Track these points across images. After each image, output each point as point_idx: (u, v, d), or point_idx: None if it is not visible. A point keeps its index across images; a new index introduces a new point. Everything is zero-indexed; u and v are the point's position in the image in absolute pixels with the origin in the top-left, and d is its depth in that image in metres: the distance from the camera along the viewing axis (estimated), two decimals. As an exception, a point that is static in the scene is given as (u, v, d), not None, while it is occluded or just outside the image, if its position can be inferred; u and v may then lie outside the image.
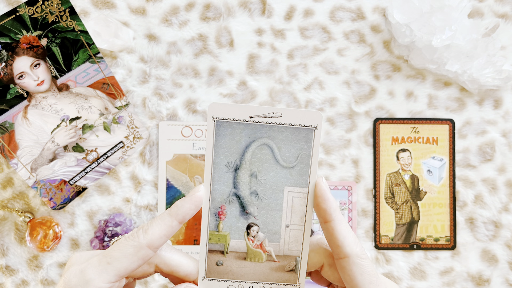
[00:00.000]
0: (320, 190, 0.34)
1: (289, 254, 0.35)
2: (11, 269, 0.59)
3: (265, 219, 0.34)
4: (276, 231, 0.35)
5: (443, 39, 0.56)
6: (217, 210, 0.34)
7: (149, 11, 0.59)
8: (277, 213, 0.34)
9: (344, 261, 0.33)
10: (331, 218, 0.33)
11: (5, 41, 0.51)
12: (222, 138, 0.34)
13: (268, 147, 0.34)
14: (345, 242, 0.33)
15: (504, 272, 0.60)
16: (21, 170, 0.56)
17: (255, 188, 0.34)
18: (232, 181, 0.34)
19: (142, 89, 0.60)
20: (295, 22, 0.60)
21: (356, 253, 0.33)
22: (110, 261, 0.32)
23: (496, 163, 0.61)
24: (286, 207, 0.34)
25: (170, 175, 0.59)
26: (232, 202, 0.34)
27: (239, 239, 0.35)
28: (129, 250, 0.32)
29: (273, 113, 0.33)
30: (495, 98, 0.61)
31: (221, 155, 0.34)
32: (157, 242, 0.32)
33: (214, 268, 0.35)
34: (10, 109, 0.54)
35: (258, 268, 0.35)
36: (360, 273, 0.33)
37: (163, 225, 0.33)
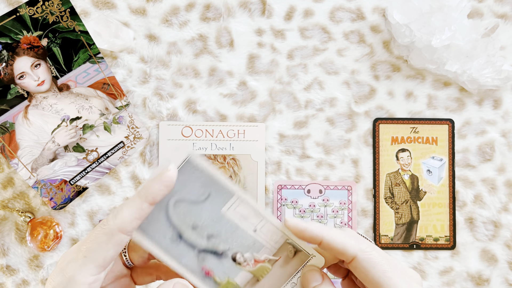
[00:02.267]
0: (293, 226, 0.34)
1: (279, 245, 0.35)
2: (11, 269, 0.59)
3: (236, 242, 0.35)
4: (252, 241, 0.35)
5: (443, 39, 0.56)
6: (202, 274, 0.34)
7: (149, 11, 0.60)
8: (238, 231, 0.34)
9: (353, 262, 0.33)
10: (319, 238, 0.33)
11: (5, 41, 0.52)
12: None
13: (179, 202, 0.34)
14: (345, 247, 0.33)
15: (504, 272, 0.60)
16: (22, 170, 0.56)
17: (205, 233, 0.34)
18: (187, 247, 0.34)
19: (142, 89, 0.60)
20: (295, 23, 0.60)
21: (360, 249, 0.33)
22: (86, 253, 0.31)
23: (495, 163, 0.61)
24: (239, 220, 0.34)
25: (170, 175, 0.59)
26: (204, 258, 0.34)
27: (239, 273, 0.35)
28: (102, 238, 0.31)
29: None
30: (494, 98, 0.61)
31: (161, 237, 0.34)
32: (128, 226, 0.31)
33: None
34: (11, 109, 0.54)
35: (273, 276, 0.35)
36: (372, 267, 0.33)
37: (133, 207, 0.31)
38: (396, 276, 0.33)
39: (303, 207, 0.60)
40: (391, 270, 0.33)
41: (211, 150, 0.60)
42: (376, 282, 0.32)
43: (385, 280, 0.32)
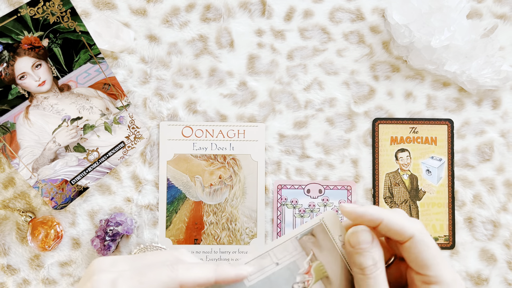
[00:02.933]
0: (351, 214, 0.35)
1: (300, 246, 0.36)
2: (12, 268, 0.59)
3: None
4: (286, 271, 0.36)
5: (442, 39, 0.56)
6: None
7: (149, 12, 0.60)
8: (272, 279, 0.36)
9: (409, 242, 0.34)
10: (379, 220, 0.34)
11: (6, 42, 0.52)
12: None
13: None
14: (404, 228, 0.34)
15: (503, 271, 0.60)
16: (23, 170, 0.56)
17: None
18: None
19: (143, 89, 0.60)
20: (294, 23, 0.61)
21: (418, 229, 0.34)
22: (144, 280, 0.31)
23: (494, 163, 0.61)
24: (264, 273, 0.36)
25: (170, 175, 0.60)
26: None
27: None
28: (164, 278, 0.32)
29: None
30: (493, 99, 0.61)
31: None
32: (189, 285, 0.32)
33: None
34: (12, 110, 0.54)
35: (329, 263, 0.36)
36: (426, 249, 0.34)
37: (204, 274, 0.33)
38: (445, 264, 0.34)
39: (303, 207, 0.60)
40: (440, 257, 0.34)
41: (211, 150, 0.60)
42: (427, 264, 0.33)
43: (434, 265, 0.34)
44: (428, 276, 0.34)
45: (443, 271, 0.34)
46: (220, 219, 0.60)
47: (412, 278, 0.35)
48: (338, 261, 0.35)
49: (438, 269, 0.34)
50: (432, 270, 0.34)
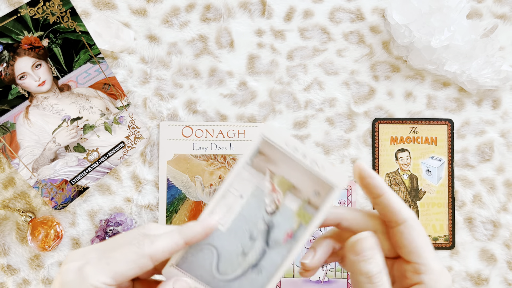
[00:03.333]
0: (364, 171, 0.35)
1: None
2: (12, 268, 0.59)
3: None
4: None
5: (442, 39, 0.56)
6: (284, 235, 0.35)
7: (149, 12, 0.60)
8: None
9: (402, 226, 0.34)
10: (382, 192, 0.34)
11: (6, 42, 0.52)
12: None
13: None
14: (401, 210, 0.34)
15: (503, 271, 0.60)
16: (23, 170, 0.56)
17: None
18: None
19: (143, 89, 0.60)
20: (294, 23, 0.61)
21: (413, 217, 0.34)
22: (110, 262, 0.31)
23: (494, 163, 0.61)
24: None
25: (170, 175, 0.60)
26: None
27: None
28: (131, 255, 0.31)
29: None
30: (493, 99, 0.61)
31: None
32: (160, 256, 0.32)
33: None
34: (12, 110, 0.54)
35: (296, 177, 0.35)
36: (418, 236, 0.34)
37: (170, 241, 0.32)
38: (434, 254, 0.35)
39: (303, 207, 0.60)
40: (430, 245, 0.35)
41: (211, 150, 0.60)
42: (417, 251, 0.34)
43: (426, 252, 0.34)
44: (417, 264, 0.34)
45: (432, 261, 0.34)
46: (220, 219, 0.60)
47: (401, 270, 0.35)
48: (296, 167, 0.35)
49: (427, 258, 0.34)
50: (421, 258, 0.34)
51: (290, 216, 0.35)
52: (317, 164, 0.34)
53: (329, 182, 0.34)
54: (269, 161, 0.35)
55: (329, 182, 0.34)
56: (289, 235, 0.35)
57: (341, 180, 0.34)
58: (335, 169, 0.34)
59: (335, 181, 0.34)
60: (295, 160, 0.34)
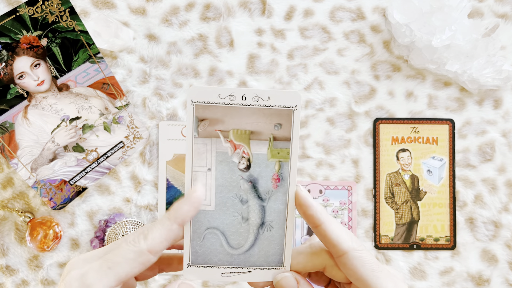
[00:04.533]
0: (301, 199, 0.34)
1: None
2: (11, 269, 0.59)
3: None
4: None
5: (443, 39, 0.56)
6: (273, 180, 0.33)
7: (149, 11, 0.59)
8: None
9: (343, 258, 0.33)
10: (320, 222, 0.33)
11: (5, 41, 0.51)
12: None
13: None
14: (340, 240, 0.33)
15: (504, 272, 0.60)
16: (21, 170, 0.56)
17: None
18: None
19: (142, 89, 0.60)
20: (295, 22, 0.60)
21: (353, 247, 0.33)
22: (111, 265, 0.31)
23: (496, 163, 0.61)
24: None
25: (170, 175, 0.59)
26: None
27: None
28: (130, 255, 0.32)
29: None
30: (495, 98, 0.61)
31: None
32: (158, 247, 0.32)
33: None
34: (10, 109, 0.54)
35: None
36: (361, 265, 0.33)
37: (163, 229, 0.32)
38: (384, 275, 0.33)
39: (303, 207, 0.60)
40: (379, 270, 0.34)
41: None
42: (364, 280, 0.33)
43: (373, 279, 0.33)
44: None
45: (384, 284, 0.33)
46: (220, 220, 0.59)
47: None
48: (243, 112, 0.33)
49: (378, 283, 0.33)
50: (371, 285, 0.33)
51: (266, 161, 0.33)
52: (261, 98, 0.32)
53: (284, 107, 0.32)
54: (214, 122, 0.33)
55: (284, 107, 0.32)
56: (276, 179, 0.33)
57: (294, 98, 0.32)
58: (282, 93, 0.32)
59: (289, 103, 0.32)
60: (237, 107, 0.32)
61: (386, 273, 0.34)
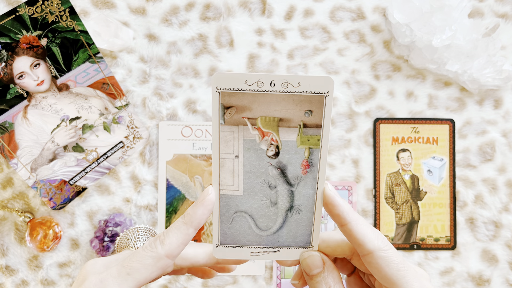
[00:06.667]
0: (328, 198, 0.34)
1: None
2: (11, 269, 0.59)
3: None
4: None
5: (443, 39, 0.56)
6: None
7: (149, 11, 0.59)
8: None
9: (369, 257, 0.33)
10: (346, 221, 0.33)
11: (5, 41, 0.51)
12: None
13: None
14: (365, 240, 0.33)
15: (505, 272, 0.60)
16: (21, 170, 0.56)
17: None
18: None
19: (142, 89, 0.60)
20: (295, 22, 0.60)
21: (379, 247, 0.33)
22: (130, 272, 0.32)
23: (496, 163, 0.61)
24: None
25: (170, 175, 0.59)
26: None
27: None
28: (148, 261, 0.32)
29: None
30: (495, 98, 0.61)
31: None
32: (175, 252, 0.33)
33: None
34: (10, 109, 0.54)
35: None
36: (386, 265, 0.33)
37: (180, 234, 0.33)
38: (410, 274, 0.33)
39: (303, 207, 0.60)
40: (404, 269, 0.34)
41: (211, 150, 0.60)
42: (389, 279, 0.33)
43: (399, 278, 0.33)
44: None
45: (409, 284, 0.33)
46: (220, 220, 0.59)
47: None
48: (271, 99, 0.32)
49: (403, 283, 0.33)
50: (395, 284, 0.33)
51: (295, 148, 0.33)
52: (291, 84, 0.31)
53: (315, 93, 0.31)
54: (241, 109, 0.32)
55: (315, 93, 0.31)
56: (305, 165, 0.33)
57: (327, 83, 0.30)
58: (313, 78, 0.31)
59: (321, 89, 0.31)
60: (265, 93, 0.31)
61: (412, 273, 0.34)
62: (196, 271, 0.39)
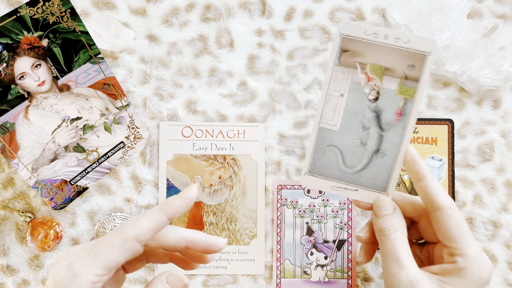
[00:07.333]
0: (411, 155, 0.37)
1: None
2: (12, 269, 0.59)
3: None
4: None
5: (442, 39, 0.56)
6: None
7: (149, 11, 0.60)
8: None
9: (438, 212, 0.36)
10: (423, 177, 0.36)
11: (6, 42, 0.52)
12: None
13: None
14: (438, 196, 0.36)
15: (503, 272, 0.60)
16: (22, 170, 0.56)
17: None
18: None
19: (142, 89, 0.60)
20: (295, 23, 0.61)
21: (449, 205, 0.36)
22: (97, 253, 0.31)
23: (495, 163, 0.61)
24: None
25: (170, 175, 0.59)
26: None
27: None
28: (116, 242, 0.32)
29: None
30: (494, 99, 0.61)
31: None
32: (144, 236, 0.32)
33: None
34: (11, 110, 0.54)
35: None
36: (452, 222, 0.36)
37: (152, 219, 0.33)
38: (471, 240, 0.36)
39: (303, 207, 0.60)
40: (468, 233, 0.36)
41: (211, 150, 0.60)
42: (452, 237, 0.35)
43: (461, 239, 0.35)
44: (453, 248, 0.35)
45: (469, 245, 0.35)
46: (220, 220, 0.60)
47: (439, 253, 0.37)
48: (382, 50, 0.36)
49: (463, 243, 0.35)
50: (455, 243, 0.35)
51: (393, 96, 0.36)
52: (402, 39, 0.35)
53: (420, 51, 0.35)
54: (355, 54, 0.36)
55: (420, 51, 0.35)
56: (398, 114, 0.37)
57: (431, 45, 0.35)
58: (421, 38, 0.35)
59: (425, 48, 0.35)
60: (379, 44, 0.36)
61: (473, 239, 0.36)
62: (177, 260, 0.38)
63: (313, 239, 0.59)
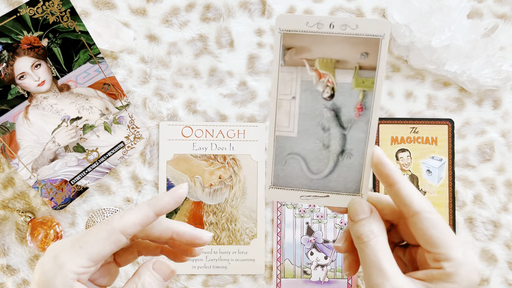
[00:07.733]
0: (378, 157, 0.34)
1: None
2: (12, 268, 0.59)
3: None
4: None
5: (443, 39, 0.56)
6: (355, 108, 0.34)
7: (149, 11, 0.60)
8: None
9: (415, 218, 0.33)
10: (394, 181, 0.33)
11: (6, 42, 0.52)
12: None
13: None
14: (413, 200, 0.33)
15: (503, 271, 0.60)
16: (22, 170, 0.56)
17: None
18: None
19: (142, 89, 0.60)
20: (295, 23, 0.61)
21: (426, 209, 0.33)
22: (83, 245, 0.31)
23: (495, 163, 0.61)
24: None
25: (170, 175, 0.59)
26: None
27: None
28: (102, 234, 0.32)
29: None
30: (494, 98, 0.61)
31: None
32: (130, 229, 0.32)
33: None
34: (11, 109, 0.54)
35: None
36: (432, 226, 0.33)
37: (140, 213, 0.33)
38: (453, 240, 0.33)
39: (303, 207, 0.60)
40: (449, 234, 0.33)
41: (211, 150, 0.60)
42: (434, 241, 0.33)
43: (443, 242, 0.33)
44: (437, 254, 0.33)
45: (453, 248, 0.33)
46: (220, 219, 0.60)
47: (423, 257, 0.35)
48: (329, 41, 0.32)
49: (447, 247, 0.33)
50: (440, 248, 0.33)
51: (350, 90, 0.33)
52: (349, 26, 0.32)
53: (372, 36, 0.32)
54: (301, 50, 0.33)
55: (372, 36, 0.32)
56: (359, 108, 0.34)
57: (383, 27, 0.31)
58: (370, 21, 0.32)
59: (377, 32, 0.32)
60: (325, 35, 0.32)
61: (456, 238, 0.33)
62: (168, 252, 0.38)
63: (313, 239, 0.59)
